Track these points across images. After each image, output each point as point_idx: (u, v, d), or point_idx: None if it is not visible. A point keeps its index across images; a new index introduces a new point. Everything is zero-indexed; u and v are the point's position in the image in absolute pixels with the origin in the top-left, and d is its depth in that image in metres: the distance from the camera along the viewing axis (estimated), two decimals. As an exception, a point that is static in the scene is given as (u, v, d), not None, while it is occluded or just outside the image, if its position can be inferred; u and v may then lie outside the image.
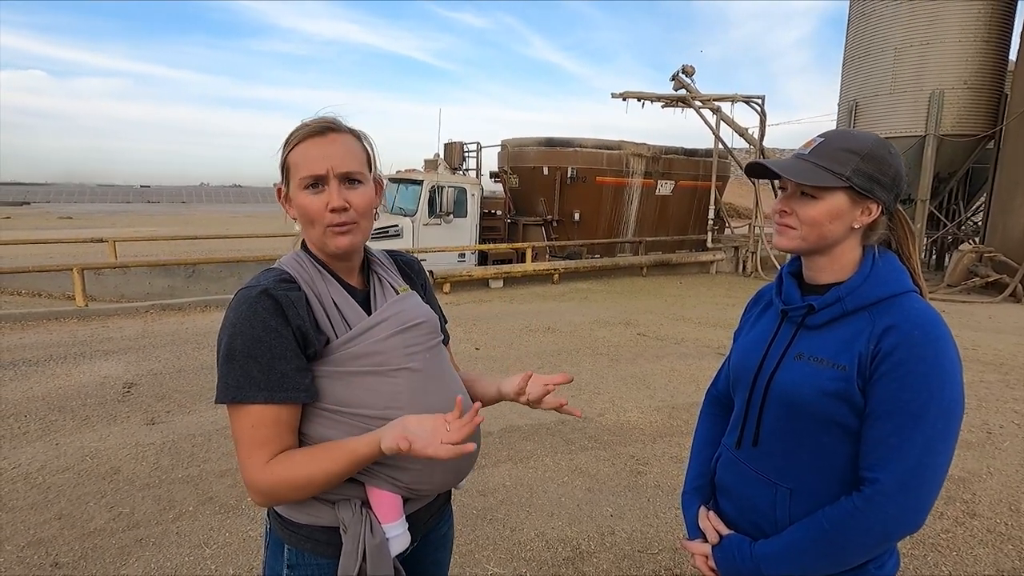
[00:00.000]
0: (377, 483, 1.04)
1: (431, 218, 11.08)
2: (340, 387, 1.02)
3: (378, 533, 1.02)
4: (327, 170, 1.00)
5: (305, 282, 1.03)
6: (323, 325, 1.02)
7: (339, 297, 1.06)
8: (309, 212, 1.02)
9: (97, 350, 5.66)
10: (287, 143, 1.05)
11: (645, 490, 3.15)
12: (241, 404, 0.94)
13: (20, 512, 2.82)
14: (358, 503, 1.03)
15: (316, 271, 1.06)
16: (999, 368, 5.54)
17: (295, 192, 1.04)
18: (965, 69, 10.85)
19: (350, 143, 1.05)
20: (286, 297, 0.98)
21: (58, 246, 13.27)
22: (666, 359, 5.69)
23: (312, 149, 1.02)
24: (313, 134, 1.03)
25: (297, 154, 1.03)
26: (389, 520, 1.04)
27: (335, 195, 1.01)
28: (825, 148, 1.02)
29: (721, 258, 12.99)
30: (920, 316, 0.95)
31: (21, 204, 52.14)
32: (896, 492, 0.91)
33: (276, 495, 0.98)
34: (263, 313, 0.95)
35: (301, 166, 1.02)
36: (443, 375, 1.14)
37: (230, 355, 0.94)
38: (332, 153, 1.01)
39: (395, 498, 1.05)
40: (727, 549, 1.09)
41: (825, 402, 0.99)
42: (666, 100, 12.80)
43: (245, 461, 0.96)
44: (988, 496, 3.12)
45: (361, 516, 1.02)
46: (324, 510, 1.03)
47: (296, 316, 0.98)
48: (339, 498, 1.03)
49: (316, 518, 1.04)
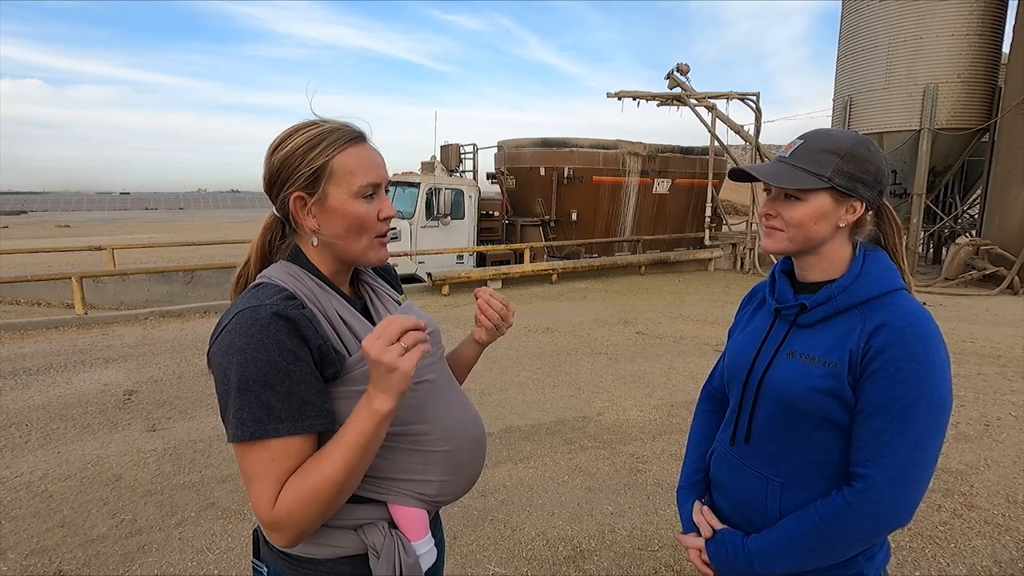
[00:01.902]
0: (401, 500, 0.99)
1: (429, 220, 11.08)
2: None
3: (411, 552, 0.97)
4: (383, 179, 0.97)
5: (307, 298, 0.93)
6: (335, 344, 0.93)
7: (345, 311, 0.98)
8: (368, 221, 0.96)
9: (97, 358, 5.67)
10: (322, 144, 0.94)
11: (645, 488, 3.16)
12: (261, 440, 0.84)
13: (23, 521, 2.83)
14: (385, 524, 0.98)
15: (316, 285, 0.96)
16: (996, 361, 5.56)
17: (344, 199, 0.94)
18: (959, 63, 10.88)
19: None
20: (301, 316, 0.89)
21: (56, 255, 13.28)
22: (665, 357, 5.71)
23: (368, 155, 0.96)
24: (359, 139, 0.97)
25: (349, 159, 0.94)
26: (418, 537, 1.00)
27: (387, 205, 0.97)
28: (805, 150, 1.03)
29: (719, 255, 13.01)
30: (910, 314, 0.97)
31: (19, 213, 52.13)
32: (886, 487, 0.92)
33: (299, 521, 0.85)
34: (278, 335, 0.85)
35: (358, 172, 0.94)
36: (453, 383, 1.12)
37: (243, 386, 0.83)
38: (380, 162, 0.98)
39: (421, 513, 1.01)
40: (720, 543, 1.10)
41: (816, 399, 1.00)
42: (661, 99, 12.83)
43: (261, 499, 0.85)
44: (986, 488, 3.13)
45: (392, 537, 0.96)
46: (348, 538, 0.96)
47: (316, 336, 0.89)
48: (363, 522, 0.97)
49: (339, 548, 0.95)
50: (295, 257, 0.99)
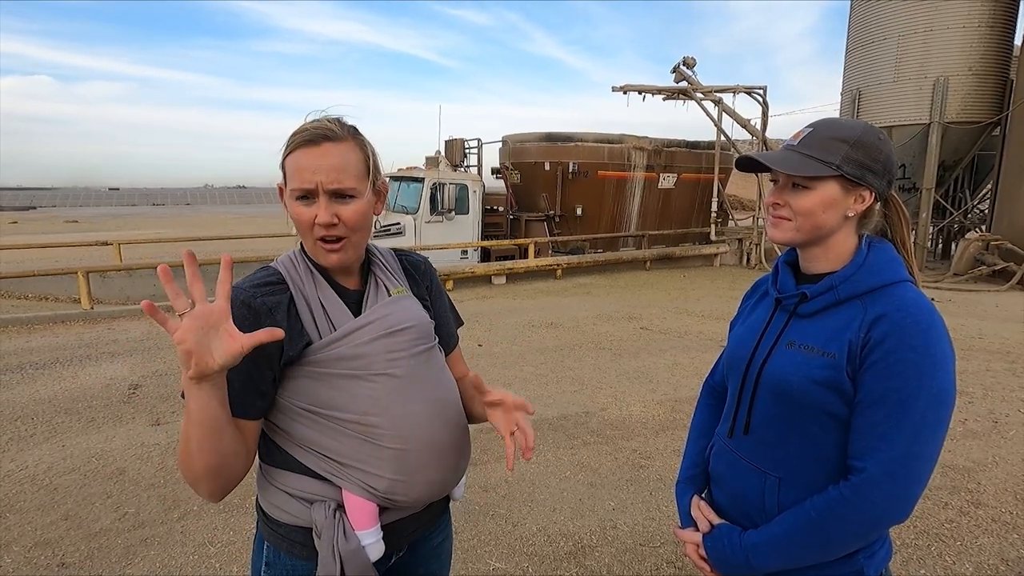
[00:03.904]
0: (351, 488, 1.02)
1: (433, 215, 11.09)
2: (322, 388, 1.01)
3: (352, 539, 1.00)
4: (316, 185, 0.98)
5: (294, 282, 1.03)
6: (307, 326, 1.01)
7: (327, 298, 1.05)
8: (299, 223, 1.02)
9: (103, 352, 5.70)
10: (286, 145, 1.02)
11: (647, 484, 3.15)
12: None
13: (27, 513, 2.85)
14: (332, 505, 1.01)
15: (308, 272, 1.05)
16: (1006, 356, 5.50)
17: (289, 199, 1.02)
18: (970, 55, 10.74)
19: (346, 153, 1.00)
20: (263, 305, 0.98)
21: (63, 250, 13.37)
22: (669, 353, 5.68)
23: (303, 160, 0.98)
24: (306, 143, 0.99)
25: (291, 162, 1.00)
26: (361, 527, 1.01)
27: (323, 211, 0.99)
28: (814, 138, 1.01)
29: (725, 250, 12.94)
30: (911, 305, 0.94)
31: (28, 209, 52.54)
32: (883, 481, 0.90)
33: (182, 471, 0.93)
34: (236, 321, 0.90)
35: (293, 176, 1.00)
36: (429, 381, 1.11)
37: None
38: (323, 167, 0.97)
39: (369, 505, 1.02)
40: (717, 538, 1.09)
41: (814, 390, 0.98)
42: (667, 93, 12.75)
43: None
44: (993, 485, 3.10)
45: (333, 520, 1.00)
46: (301, 510, 1.02)
47: (272, 324, 0.95)
48: (313, 498, 1.02)
49: (294, 517, 1.03)
50: (303, 245, 1.08)
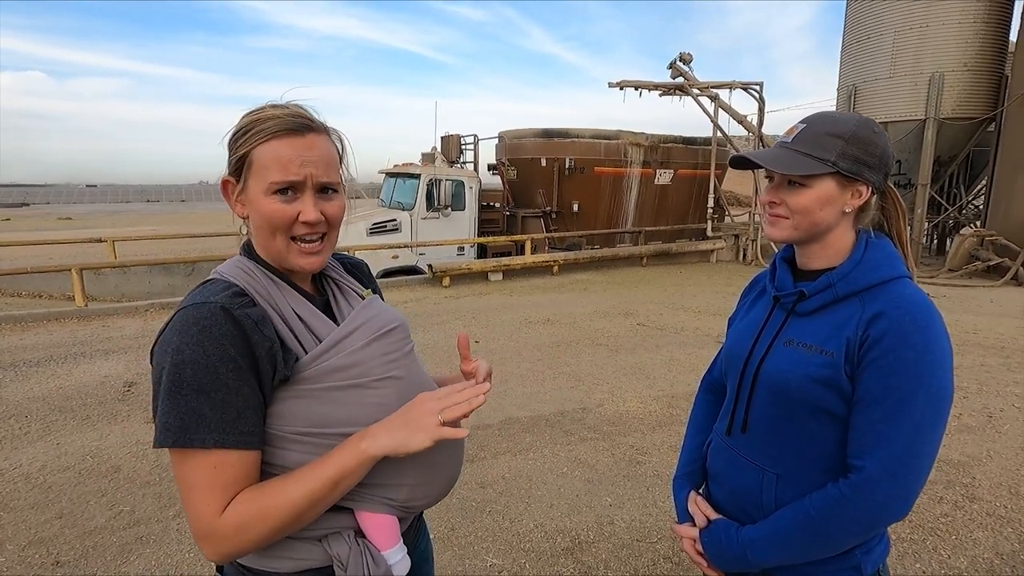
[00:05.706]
0: (369, 506, 0.92)
1: (429, 212, 11.05)
2: (318, 406, 0.88)
3: (381, 563, 0.90)
4: (305, 178, 0.87)
5: (260, 295, 0.89)
6: (289, 343, 0.88)
7: (302, 308, 0.92)
8: (275, 221, 0.88)
9: (97, 350, 5.67)
10: (250, 132, 0.88)
11: (644, 479, 3.15)
12: (186, 449, 0.79)
13: (21, 512, 2.83)
14: (351, 533, 0.91)
15: (269, 281, 0.91)
16: (1000, 352, 5.53)
17: (256, 194, 0.88)
18: (965, 51, 10.74)
19: (327, 145, 0.92)
20: (246, 317, 0.83)
21: (57, 247, 13.28)
22: (666, 349, 5.69)
23: (288, 150, 0.87)
24: (290, 131, 0.87)
25: (267, 151, 0.87)
26: (388, 546, 0.92)
27: (310, 207, 0.88)
28: (808, 134, 1.00)
29: (721, 246, 12.94)
30: (910, 302, 0.93)
31: (20, 205, 52.18)
32: (882, 479, 0.90)
33: (243, 537, 0.79)
34: (220, 338, 0.80)
35: (272, 168, 0.87)
36: (423, 381, 1.03)
37: (174, 389, 0.78)
38: (312, 159, 0.88)
39: (391, 520, 0.93)
40: (714, 533, 1.08)
41: (812, 388, 0.98)
42: (664, 88, 12.71)
43: (199, 506, 0.79)
44: (988, 480, 3.11)
45: (360, 548, 0.89)
46: (312, 550, 0.89)
47: (263, 339, 0.84)
48: (327, 532, 0.90)
49: (302, 561, 0.88)
50: (249, 251, 0.95)
